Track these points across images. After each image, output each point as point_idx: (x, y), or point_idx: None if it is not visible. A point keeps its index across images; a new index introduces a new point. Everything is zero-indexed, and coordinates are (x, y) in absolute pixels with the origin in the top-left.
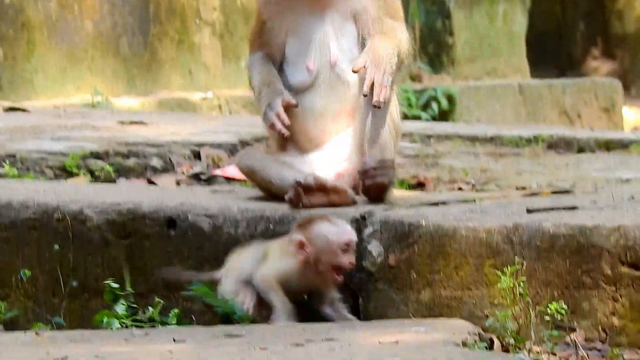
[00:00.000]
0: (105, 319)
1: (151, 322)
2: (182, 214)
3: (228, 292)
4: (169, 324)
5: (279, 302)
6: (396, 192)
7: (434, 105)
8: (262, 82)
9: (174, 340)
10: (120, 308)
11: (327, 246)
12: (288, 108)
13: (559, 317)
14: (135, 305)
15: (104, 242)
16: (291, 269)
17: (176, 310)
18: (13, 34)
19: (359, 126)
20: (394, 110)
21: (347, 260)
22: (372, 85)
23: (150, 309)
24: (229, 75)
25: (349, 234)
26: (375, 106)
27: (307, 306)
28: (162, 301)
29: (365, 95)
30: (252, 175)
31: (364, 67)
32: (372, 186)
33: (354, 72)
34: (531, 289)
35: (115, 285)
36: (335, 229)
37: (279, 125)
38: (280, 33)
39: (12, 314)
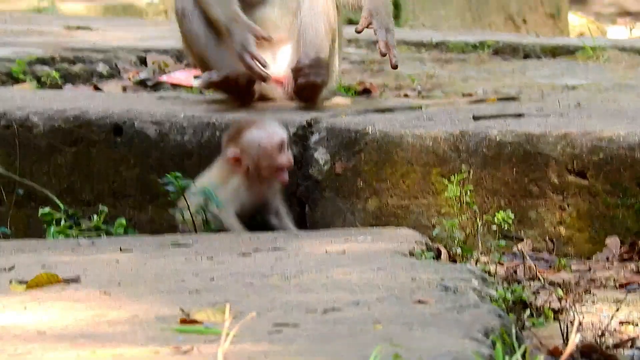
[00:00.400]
0: (51, 230)
1: (97, 230)
2: (128, 121)
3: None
4: (114, 234)
5: (238, 230)
6: (342, 99)
7: None
8: (226, 16)
9: (121, 250)
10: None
11: (262, 151)
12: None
13: (506, 226)
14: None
15: (51, 149)
16: (237, 187)
17: (122, 221)
18: None
19: (297, 30)
20: (332, 13)
21: (286, 159)
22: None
23: (95, 217)
24: None
25: (280, 133)
26: (394, 67)
27: (254, 218)
28: (106, 209)
29: (383, 55)
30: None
31: (369, 25)
32: (304, 85)
33: (358, 32)
34: (478, 198)
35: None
36: (264, 133)
37: (257, 69)
38: None
39: None
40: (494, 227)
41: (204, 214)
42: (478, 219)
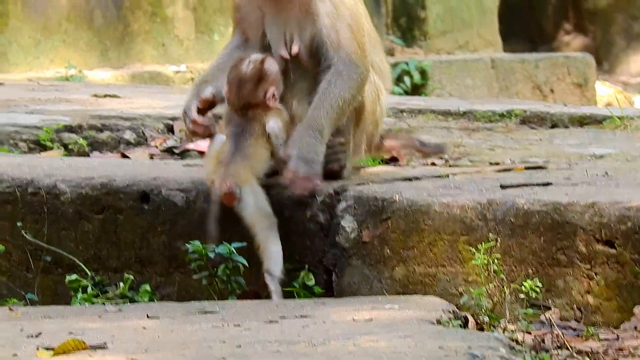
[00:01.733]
0: (78, 297)
1: (122, 298)
2: (155, 188)
3: None
4: (138, 301)
5: None
6: (369, 167)
7: (407, 80)
8: (198, 80)
9: (148, 316)
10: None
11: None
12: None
13: (533, 295)
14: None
15: (78, 216)
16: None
17: (147, 287)
18: None
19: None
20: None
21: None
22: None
23: (121, 284)
24: (202, 49)
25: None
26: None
27: None
28: (131, 277)
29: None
30: None
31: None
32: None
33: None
34: (505, 266)
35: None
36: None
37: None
38: (252, 23)
39: None
40: (522, 296)
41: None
42: (505, 287)
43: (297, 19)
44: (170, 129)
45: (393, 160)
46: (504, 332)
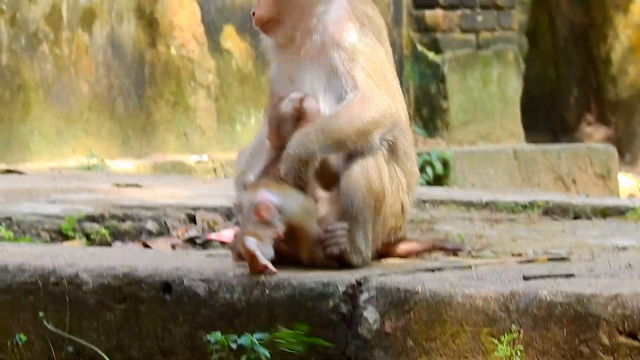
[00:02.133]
0: None
1: None
2: (177, 279)
3: None
4: None
5: None
6: (391, 258)
7: (429, 170)
8: (238, 173)
9: None
10: None
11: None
12: None
13: None
14: None
15: (100, 306)
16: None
17: None
18: (9, 95)
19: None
20: (373, 175)
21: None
22: None
23: None
24: (223, 139)
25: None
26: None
27: None
28: None
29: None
30: None
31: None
32: (329, 254)
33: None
34: (528, 358)
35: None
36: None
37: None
38: (282, 92)
39: None
40: None
41: None
42: None
43: (323, 77)
44: (192, 219)
45: None
46: None
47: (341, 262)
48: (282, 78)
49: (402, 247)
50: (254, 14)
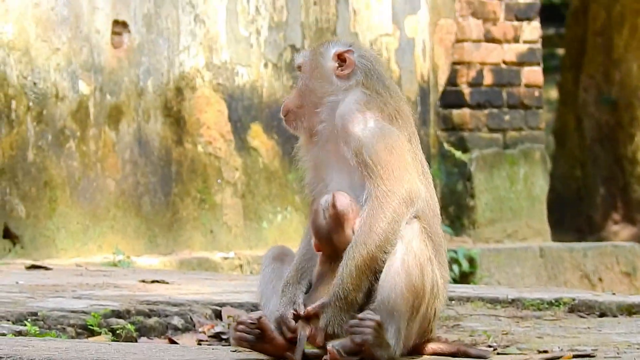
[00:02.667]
0: None
1: None
2: None
3: None
4: None
5: None
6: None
7: (455, 267)
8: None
9: None
10: None
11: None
12: None
13: None
14: None
15: None
16: None
17: None
18: (35, 192)
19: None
20: (415, 271)
21: None
22: None
23: None
24: (250, 236)
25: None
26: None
27: None
28: None
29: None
30: None
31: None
32: (355, 346)
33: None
34: None
35: None
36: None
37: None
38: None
39: None
40: None
41: None
42: None
43: (344, 170)
44: (218, 315)
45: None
46: None
47: (366, 355)
48: (313, 175)
49: (430, 347)
50: (284, 103)
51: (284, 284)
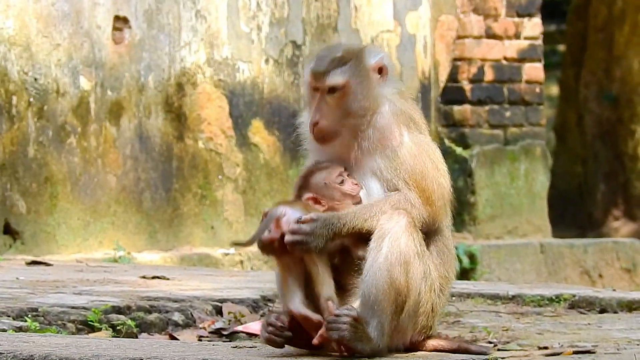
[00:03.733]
0: None
1: None
2: None
3: None
4: None
5: None
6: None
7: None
8: None
9: None
10: None
11: (329, 187)
12: None
13: None
14: None
15: None
16: None
17: None
18: (36, 188)
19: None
20: (397, 270)
21: (349, 186)
22: None
23: None
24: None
25: (337, 168)
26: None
27: None
28: None
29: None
30: None
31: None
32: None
33: None
34: None
35: None
36: (325, 172)
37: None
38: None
39: None
40: None
41: None
42: None
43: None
44: (218, 311)
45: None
46: None
47: (347, 350)
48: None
49: (430, 343)
50: (316, 123)
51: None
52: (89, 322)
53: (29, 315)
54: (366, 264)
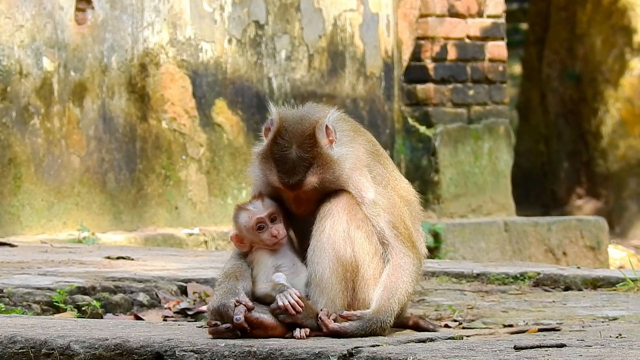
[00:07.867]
0: None
1: None
2: (169, 349)
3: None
4: None
5: None
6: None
7: None
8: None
9: None
10: None
11: (247, 231)
12: None
13: None
14: None
15: None
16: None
17: None
18: (0, 169)
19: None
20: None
21: (267, 236)
22: None
23: None
24: (215, 212)
25: (256, 214)
26: None
27: None
28: None
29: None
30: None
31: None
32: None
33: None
34: None
35: None
36: (245, 215)
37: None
38: None
39: None
40: None
41: None
42: None
43: None
44: (183, 291)
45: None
46: None
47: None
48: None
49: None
50: (299, 182)
51: (222, 277)
52: (54, 303)
53: None
54: (310, 244)
